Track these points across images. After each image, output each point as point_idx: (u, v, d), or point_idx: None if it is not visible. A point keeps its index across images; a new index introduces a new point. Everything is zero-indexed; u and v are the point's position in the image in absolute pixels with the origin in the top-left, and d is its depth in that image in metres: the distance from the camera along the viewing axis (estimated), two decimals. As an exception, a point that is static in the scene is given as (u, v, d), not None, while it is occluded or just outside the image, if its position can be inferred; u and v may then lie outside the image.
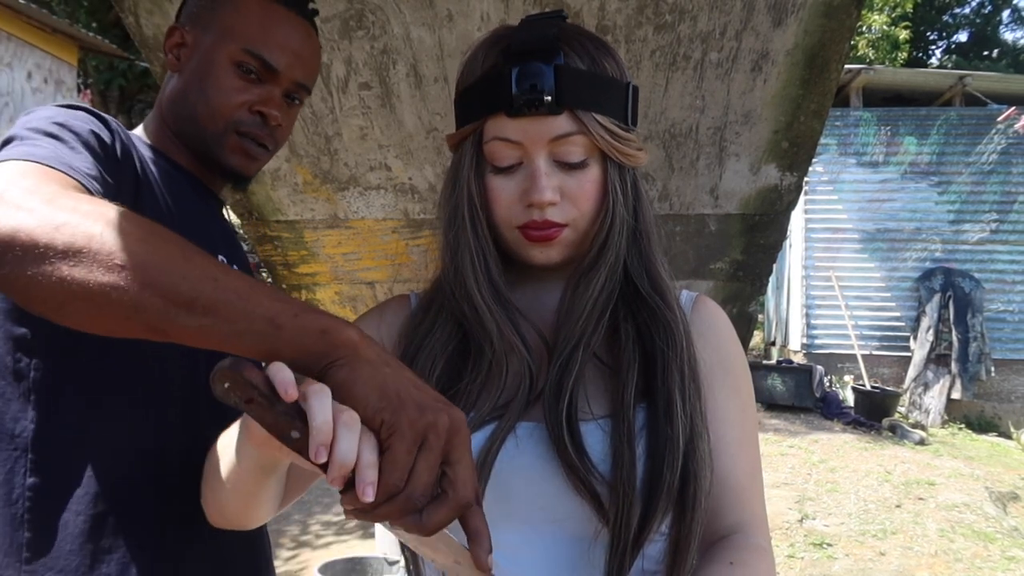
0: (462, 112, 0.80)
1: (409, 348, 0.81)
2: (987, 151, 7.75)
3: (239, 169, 0.99)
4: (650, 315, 0.78)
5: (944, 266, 7.84)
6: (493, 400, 0.77)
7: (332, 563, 2.87)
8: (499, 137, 0.75)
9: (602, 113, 0.75)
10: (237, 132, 0.97)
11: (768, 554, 0.73)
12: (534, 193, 0.74)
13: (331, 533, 4.47)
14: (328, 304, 1.73)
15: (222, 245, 1.02)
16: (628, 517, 0.70)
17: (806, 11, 1.11)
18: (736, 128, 1.31)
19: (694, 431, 0.73)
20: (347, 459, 0.51)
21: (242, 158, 0.99)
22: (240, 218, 1.54)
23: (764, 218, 1.47)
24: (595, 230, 0.78)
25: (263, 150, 1.00)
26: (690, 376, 0.76)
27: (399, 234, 1.55)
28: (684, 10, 1.13)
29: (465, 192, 0.78)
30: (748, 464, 0.79)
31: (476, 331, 0.78)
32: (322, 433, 0.51)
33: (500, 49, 0.76)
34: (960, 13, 18.77)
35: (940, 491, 5.16)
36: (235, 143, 0.97)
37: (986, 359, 7.66)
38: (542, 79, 0.72)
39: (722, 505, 0.75)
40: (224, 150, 0.97)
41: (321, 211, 1.51)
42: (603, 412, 0.75)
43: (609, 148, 0.76)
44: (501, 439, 0.74)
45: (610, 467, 0.72)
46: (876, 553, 4.22)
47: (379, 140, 1.37)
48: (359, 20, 1.16)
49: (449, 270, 0.81)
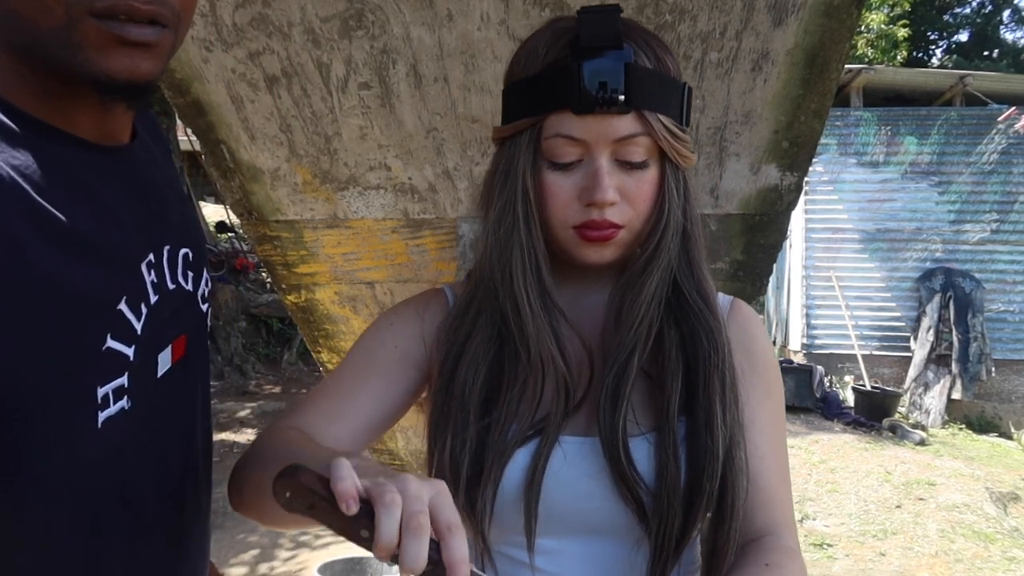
0: (516, 105, 0.76)
1: (450, 353, 0.79)
2: (988, 151, 7.74)
3: (120, 74, 0.60)
4: (696, 322, 0.77)
5: (945, 266, 7.83)
6: (532, 411, 0.76)
7: (331, 563, 2.87)
8: (562, 134, 0.73)
9: (666, 114, 0.73)
10: (93, 14, 0.58)
11: (799, 556, 0.74)
12: (597, 193, 0.72)
13: (330, 533, 4.46)
14: (328, 304, 1.73)
15: (154, 224, 0.73)
16: (671, 526, 0.71)
17: (806, 11, 1.11)
18: (736, 128, 1.31)
19: (732, 441, 0.74)
20: (416, 566, 0.51)
21: (120, 53, 0.59)
22: (240, 218, 1.54)
23: (764, 218, 1.46)
24: (648, 232, 0.76)
25: (153, 29, 0.60)
26: (730, 384, 0.76)
27: (399, 234, 1.55)
28: (684, 10, 1.12)
29: (520, 188, 0.75)
30: (778, 468, 0.79)
31: (515, 334, 0.76)
32: (388, 547, 0.51)
33: (565, 42, 0.73)
34: (960, 13, 18.77)
35: (940, 491, 5.16)
36: (96, 33, 0.58)
37: (987, 359, 7.65)
38: (613, 77, 0.70)
39: (753, 507, 0.76)
40: (83, 51, 0.59)
41: (321, 211, 1.50)
42: (647, 422, 0.75)
43: (670, 149, 0.74)
44: (546, 456, 0.74)
45: (655, 479, 0.72)
46: (876, 553, 4.22)
47: (379, 140, 1.36)
48: (359, 20, 1.16)
49: (495, 268, 0.77)
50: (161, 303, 0.72)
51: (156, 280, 0.72)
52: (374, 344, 0.84)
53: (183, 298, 0.78)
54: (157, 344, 0.73)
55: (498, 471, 0.74)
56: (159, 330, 0.72)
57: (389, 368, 0.82)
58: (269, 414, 6.86)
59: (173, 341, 0.76)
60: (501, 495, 0.74)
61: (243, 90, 1.27)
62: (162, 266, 0.74)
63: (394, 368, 0.82)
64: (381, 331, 0.85)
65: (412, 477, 0.54)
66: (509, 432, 0.75)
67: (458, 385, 0.77)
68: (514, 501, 0.74)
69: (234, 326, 8.43)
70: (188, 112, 1.32)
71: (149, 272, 0.71)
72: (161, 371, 0.73)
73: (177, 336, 0.77)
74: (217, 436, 6.17)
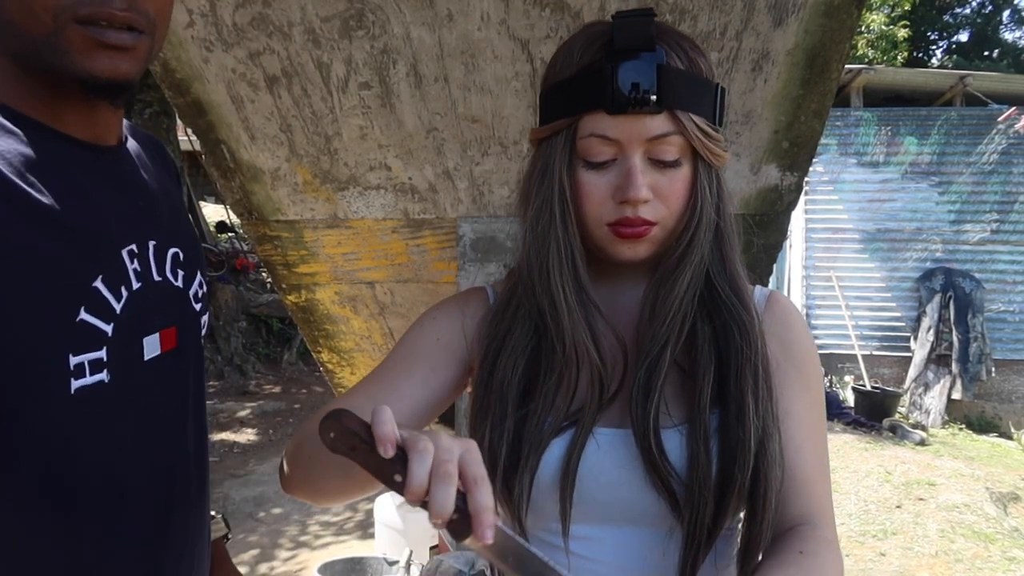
0: (552, 107, 0.79)
1: (491, 347, 0.82)
2: (988, 151, 7.74)
3: (102, 73, 0.68)
4: (728, 316, 0.79)
5: (945, 266, 7.83)
6: (567, 403, 0.78)
7: (331, 563, 2.87)
8: (596, 134, 0.75)
9: (698, 113, 0.75)
10: (77, 20, 0.66)
11: (835, 545, 0.75)
12: (630, 191, 0.74)
13: (330, 533, 4.46)
14: (328, 304, 1.73)
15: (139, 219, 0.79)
16: (703, 515, 0.74)
17: (806, 11, 1.11)
18: (737, 128, 1.31)
19: (765, 432, 0.75)
20: (443, 511, 0.55)
21: (102, 55, 0.67)
22: (240, 218, 1.54)
23: (764, 218, 1.46)
24: (681, 229, 0.78)
25: (130, 34, 0.68)
26: (763, 377, 0.77)
27: (399, 234, 1.55)
28: (684, 10, 1.12)
29: (556, 186, 0.78)
30: (815, 458, 0.80)
31: (551, 328, 0.79)
32: (418, 490, 0.55)
33: (600, 45, 0.75)
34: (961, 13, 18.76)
35: (940, 491, 5.15)
36: (80, 37, 0.66)
37: (987, 359, 7.65)
38: (646, 78, 0.72)
39: (789, 497, 0.77)
40: (69, 54, 0.67)
41: (321, 211, 1.50)
42: (680, 415, 0.77)
43: (702, 148, 0.76)
44: (581, 446, 0.76)
45: (687, 469, 0.74)
46: (876, 553, 4.22)
47: (379, 140, 1.36)
48: (359, 20, 1.16)
49: (533, 266, 0.80)
50: (146, 291, 0.77)
51: (140, 269, 0.77)
52: (418, 337, 0.88)
53: (171, 292, 0.83)
54: (141, 327, 0.77)
55: (535, 460, 0.77)
56: (144, 315, 0.77)
57: (433, 359, 0.86)
58: (269, 414, 6.86)
59: (162, 330, 0.80)
60: (537, 483, 0.77)
61: (243, 90, 1.27)
62: (147, 258, 0.79)
63: (438, 359, 0.86)
64: (424, 325, 0.89)
65: (445, 434, 0.59)
66: (545, 423, 0.78)
67: (497, 379, 0.80)
68: (550, 489, 0.77)
69: (234, 326, 8.43)
70: (188, 112, 1.32)
71: (132, 260, 0.76)
72: (148, 355, 0.78)
73: (167, 326, 0.81)
74: (217, 436, 6.16)
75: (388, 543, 3.04)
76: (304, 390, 7.84)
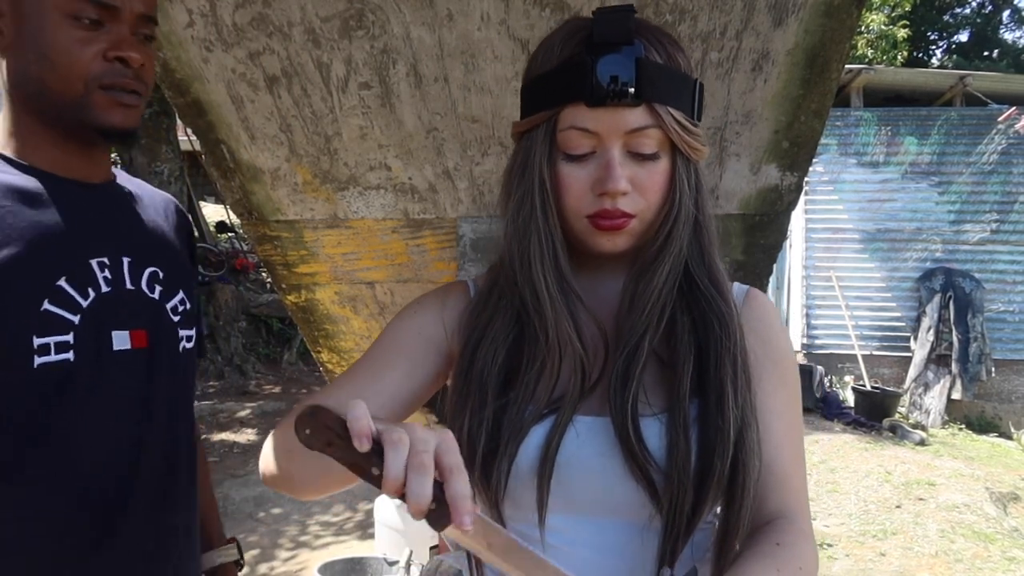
0: (533, 100, 0.80)
1: (471, 337, 0.83)
2: (988, 151, 7.74)
3: (119, 125, 0.92)
4: (707, 307, 0.80)
5: (945, 266, 7.83)
6: (548, 392, 0.79)
7: (331, 563, 2.87)
8: (576, 126, 0.76)
9: (676, 107, 0.76)
10: (101, 87, 0.89)
11: (811, 538, 0.76)
12: (609, 182, 0.75)
13: (330, 533, 4.46)
14: (328, 304, 1.73)
15: (115, 240, 0.97)
16: (682, 504, 0.74)
17: (806, 11, 1.11)
18: (736, 128, 1.31)
19: (744, 422, 0.76)
20: (421, 501, 0.55)
21: (119, 111, 0.92)
22: (240, 218, 1.54)
23: (764, 218, 1.46)
24: (660, 221, 0.79)
25: (135, 96, 0.93)
26: (742, 368, 0.78)
27: (399, 234, 1.55)
28: (684, 10, 1.12)
29: (536, 179, 0.79)
30: (792, 453, 0.81)
31: (533, 319, 0.80)
32: (395, 482, 0.55)
33: (580, 39, 0.76)
34: (960, 13, 18.76)
35: (940, 491, 5.16)
36: (103, 99, 0.90)
37: (987, 359, 7.65)
38: (625, 71, 0.73)
39: (767, 491, 0.78)
40: (94, 111, 0.90)
41: (321, 211, 1.50)
42: (660, 403, 0.78)
43: (680, 141, 0.77)
44: (560, 434, 0.77)
45: (666, 457, 0.75)
46: (876, 553, 4.22)
47: (379, 140, 1.36)
48: (359, 20, 1.16)
49: (514, 257, 0.81)
50: (117, 295, 0.95)
51: (110, 277, 0.95)
52: (399, 331, 0.89)
53: (145, 302, 0.99)
54: (111, 321, 0.94)
55: (514, 447, 0.77)
56: (114, 312, 0.94)
57: (414, 352, 0.86)
58: (269, 414, 6.86)
59: (133, 330, 0.96)
60: (516, 471, 0.77)
61: (243, 90, 1.27)
62: (119, 270, 0.96)
63: (419, 352, 0.86)
64: (406, 319, 0.90)
65: (420, 425, 0.59)
66: (526, 411, 0.78)
67: (477, 367, 0.81)
68: (528, 477, 0.77)
69: (234, 326, 8.42)
70: (188, 112, 1.32)
71: (102, 270, 0.94)
72: (117, 346, 0.94)
73: (137, 328, 0.97)
74: (217, 436, 6.16)
75: (388, 543, 3.04)
76: (304, 390, 7.84)
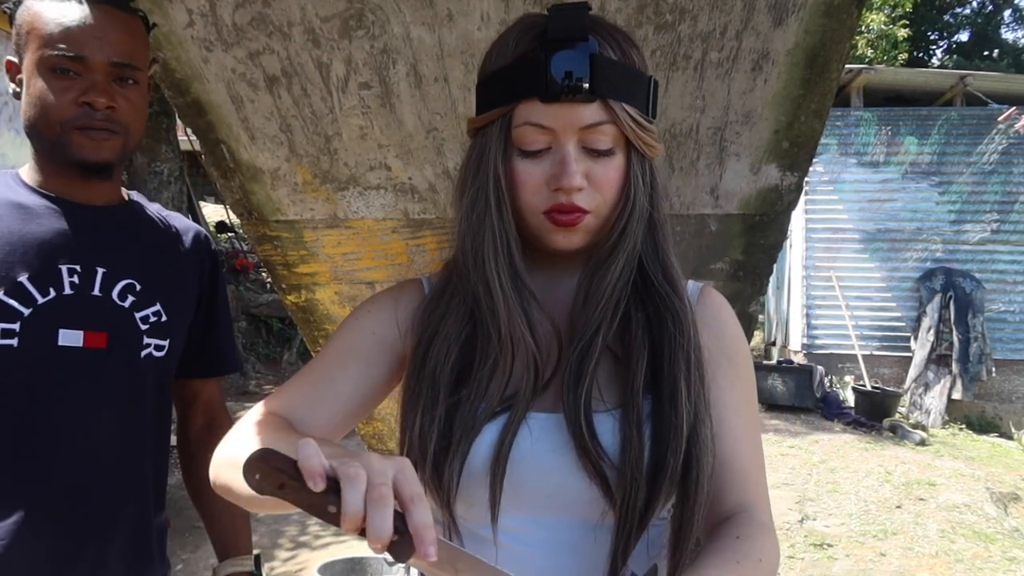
0: (488, 96, 0.80)
1: (424, 334, 0.82)
2: (988, 151, 7.75)
3: (90, 157, 1.06)
4: (661, 304, 0.79)
5: (945, 266, 7.83)
6: (501, 389, 0.78)
7: (331, 563, 2.87)
8: (530, 122, 0.76)
9: (631, 103, 0.76)
10: (76, 128, 1.04)
11: (771, 530, 0.76)
12: (564, 178, 0.75)
13: (330, 533, 4.46)
14: (328, 304, 1.73)
15: (94, 252, 1.09)
16: (635, 500, 0.73)
17: (806, 11, 1.11)
18: (736, 128, 1.31)
19: (697, 418, 0.76)
20: (382, 535, 0.53)
21: (90, 146, 1.05)
22: (240, 218, 1.54)
23: (764, 218, 1.46)
24: (615, 217, 0.79)
25: (108, 133, 1.06)
26: (695, 364, 0.78)
27: (399, 234, 1.55)
28: (684, 10, 1.12)
29: (491, 175, 0.78)
30: (750, 448, 0.81)
31: (486, 316, 0.79)
32: (354, 519, 0.53)
33: (534, 35, 0.76)
34: (961, 13, 18.76)
35: (941, 492, 5.16)
36: (78, 139, 1.04)
37: (987, 359, 7.65)
38: (579, 66, 0.73)
39: (726, 487, 0.78)
40: (72, 148, 1.05)
41: (321, 211, 1.50)
42: (613, 399, 0.77)
43: (635, 138, 0.77)
44: (514, 431, 0.76)
45: (619, 453, 0.74)
46: (877, 554, 4.22)
47: (379, 140, 1.36)
48: (359, 20, 1.16)
49: (468, 253, 0.80)
50: (79, 298, 1.07)
51: (77, 282, 1.07)
52: (353, 331, 0.88)
53: (112, 308, 1.09)
54: (63, 320, 1.05)
55: (466, 445, 0.76)
56: (71, 312, 1.06)
57: (367, 353, 0.85)
58: (269, 414, 6.85)
59: (88, 330, 1.07)
60: (468, 469, 0.76)
61: (243, 90, 1.27)
62: (90, 278, 1.08)
63: (372, 353, 0.86)
64: (360, 318, 0.89)
65: (376, 455, 0.57)
66: (479, 409, 0.77)
67: (429, 365, 0.80)
68: (481, 475, 0.76)
69: (234, 326, 8.42)
70: (188, 112, 1.32)
71: (71, 275, 1.06)
72: (63, 342, 1.05)
73: (96, 329, 1.07)
74: (217, 436, 6.16)
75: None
76: (304, 390, 7.83)
